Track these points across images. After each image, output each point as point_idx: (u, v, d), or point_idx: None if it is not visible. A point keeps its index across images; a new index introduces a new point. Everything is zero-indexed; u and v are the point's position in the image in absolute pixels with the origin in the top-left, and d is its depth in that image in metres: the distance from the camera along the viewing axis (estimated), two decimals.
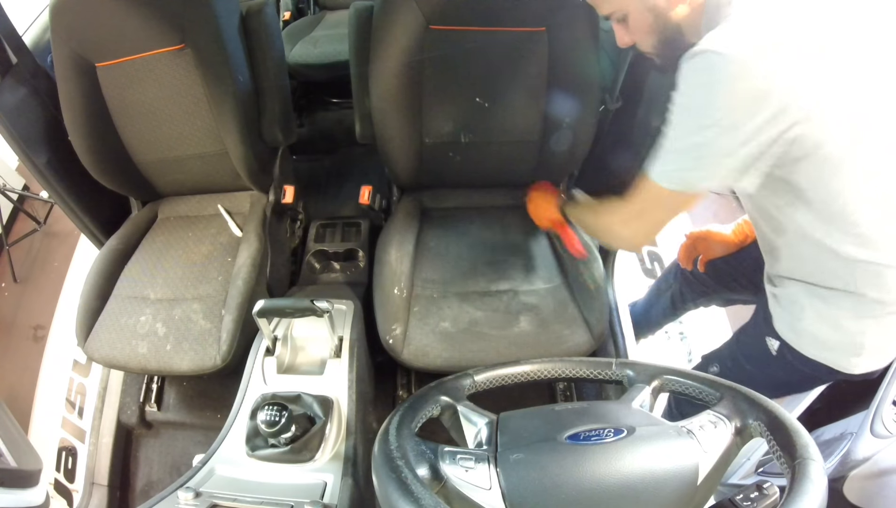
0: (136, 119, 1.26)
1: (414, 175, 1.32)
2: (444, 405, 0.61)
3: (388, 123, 1.20)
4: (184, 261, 1.31)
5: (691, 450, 0.49)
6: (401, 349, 1.09)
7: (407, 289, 1.16)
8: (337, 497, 0.74)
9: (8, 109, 1.15)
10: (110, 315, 1.22)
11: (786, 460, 0.47)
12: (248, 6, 1.22)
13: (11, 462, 1.18)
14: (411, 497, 0.44)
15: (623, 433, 0.50)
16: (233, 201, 1.44)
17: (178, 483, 0.75)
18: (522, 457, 0.50)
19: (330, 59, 1.73)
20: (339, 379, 0.90)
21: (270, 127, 1.31)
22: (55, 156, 1.25)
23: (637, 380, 0.63)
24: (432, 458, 0.51)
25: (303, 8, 2.09)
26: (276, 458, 0.79)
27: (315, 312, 0.87)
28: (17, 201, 2.33)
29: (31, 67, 1.22)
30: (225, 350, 1.12)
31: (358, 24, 1.16)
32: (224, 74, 1.16)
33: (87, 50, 1.17)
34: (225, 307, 1.18)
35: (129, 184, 1.38)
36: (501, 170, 1.34)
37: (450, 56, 1.14)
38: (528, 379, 0.68)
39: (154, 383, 1.47)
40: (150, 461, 1.46)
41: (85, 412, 1.50)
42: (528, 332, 1.11)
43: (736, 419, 0.53)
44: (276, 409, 0.78)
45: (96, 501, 1.39)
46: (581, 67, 1.15)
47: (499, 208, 1.39)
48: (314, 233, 1.52)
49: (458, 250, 1.27)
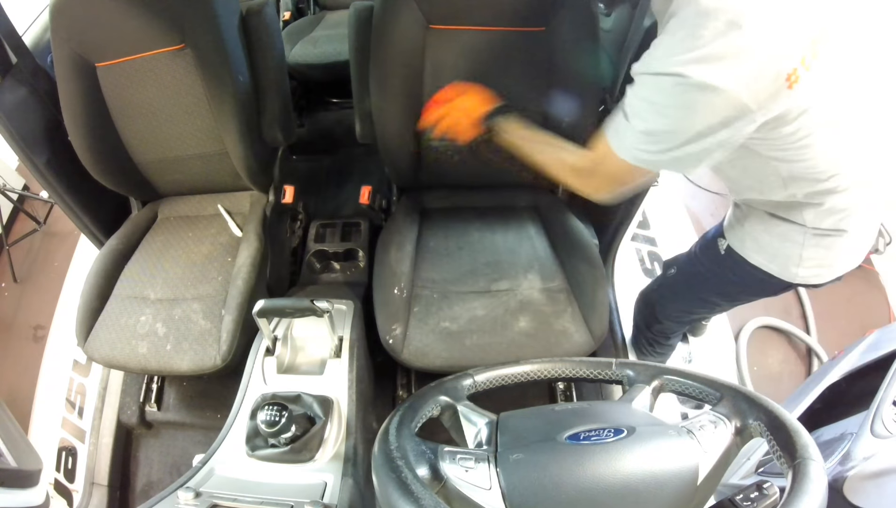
0: (136, 119, 1.26)
1: (414, 175, 1.32)
2: (444, 405, 0.61)
3: (388, 123, 1.20)
4: (184, 261, 1.31)
5: (691, 450, 0.49)
6: (401, 349, 1.09)
7: (407, 289, 1.16)
8: (337, 497, 0.74)
9: (8, 109, 1.15)
10: (110, 315, 1.22)
11: (786, 460, 0.46)
12: (248, 6, 1.22)
13: (11, 462, 1.18)
14: (411, 497, 0.44)
15: (623, 433, 0.50)
16: (233, 201, 1.44)
17: (178, 483, 0.75)
18: (522, 457, 0.50)
19: (330, 59, 1.73)
20: (339, 379, 0.90)
21: (270, 127, 1.31)
22: (55, 156, 1.25)
23: (637, 380, 0.63)
24: (432, 458, 0.50)
25: (303, 8, 2.09)
26: (276, 458, 0.79)
27: (315, 312, 0.87)
28: (17, 201, 2.33)
29: (31, 67, 1.22)
30: (225, 350, 1.12)
31: (358, 24, 1.16)
32: (224, 74, 1.16)
33: (87, 50, 1.17)
34: (225, 307, 1.18)
35: (129, 184, 1.38)
36: (501, 170, 1.34)
37: (450, 56, 1.14)
38: (528, 379, 0.68)
39: (154, 383, 1.47)
40: (150, 461, 1.46)
41: (85, 412, 1.50)
42: (528, 332, 1.11)
43: (736, 419, 0.53)
44: (276, 409, 0.78)
45: (96, 501, 1.40)
46: (581, 66, 1.15)
47: (499, 208, 1.38)
48: (314, 233, 1.52)
49: (458, 250, 1.27)
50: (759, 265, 0.94)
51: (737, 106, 0.63)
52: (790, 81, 0.63)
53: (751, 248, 0.94)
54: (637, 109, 0.71)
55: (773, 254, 0.92)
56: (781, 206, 0.86)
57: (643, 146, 0.71)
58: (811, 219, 0.84)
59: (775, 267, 0.92)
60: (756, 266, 0.94)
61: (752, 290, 1.06)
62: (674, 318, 1.30)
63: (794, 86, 0.63)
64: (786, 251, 0.89)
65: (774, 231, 0.89)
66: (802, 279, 0.91)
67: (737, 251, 0.96)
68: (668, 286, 1.24)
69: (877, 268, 2.11)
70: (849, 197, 0.80)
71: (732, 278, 1.02)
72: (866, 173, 0.80)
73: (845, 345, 1.44)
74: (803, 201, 0.82)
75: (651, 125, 0.69)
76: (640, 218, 1.87)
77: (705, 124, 0.65)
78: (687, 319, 1.35)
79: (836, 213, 0.82)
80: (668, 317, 1.30)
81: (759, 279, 0.95)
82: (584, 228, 1.31)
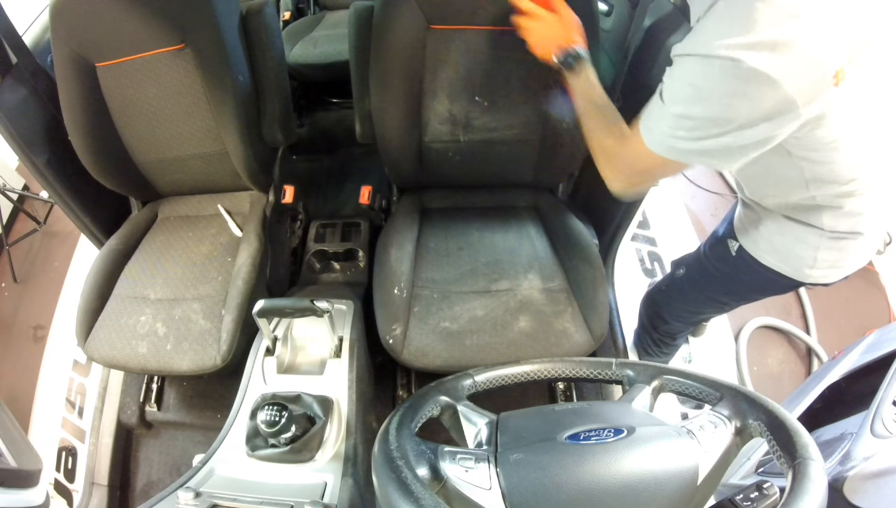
0: (136, 119, 1.26)
1: (414, 175, 1.32)
2: (444, 405, 0.61)
3: (388, 123, 1.20)
4: (184, 261, 1.31)
5: (691, 450, 0.49)
6: (401, 349, 1.09)
7: (407, 289, 1.16)
8: (337, 497, 0.74)
9: (8, 109, 1.15)
10: (110, 315, 1.22)
11: (786, 460, 0.46)
12: (248, 6, 1.22)
13: (11, 462, 1.18)
14: (411, 497, 0.44)
15: (623, 433, 0.50)
16: (233, 201, 1.44)
17: (178, 483, 0.75)
18: (522, 457, 0.50)
19: (330, 59, 1.73)
20: (339, 379, 0.90)
21: (270, 127, 1.31)
22: (55, 156, 1.25)
23: (637, 380, 0.63)
24: (432, 458, 0.50)
25: (303, 8, 2.09)
26: (276, 458, 0.79)
27: (315, 312, 0.87)
28: (17, 201, 2.33)
29: (31, 67, 1.22)
30: (225, 350, 1.12)
31: (358, 24, 1.16)
32: (224, 74, 1.16)
33: (87, 50, 1.17)
34: (225, 307, 1.18)
35: (129, 184, 1.38)
36: (501, 170, 1.34)
37: (450, 56, 1.14)
38: (528, 379, 0.68)
39: (154, 383, 1.47)
40: (150, 461, 1.46)
41: (85, 412, 1.50)
42: (528, 332, 1.11)
43: (736, 419, 0.53)
44: (276, 409, 0.78)
45: (96, 501, 1.40)
46: None
47: (499, 208, 1.38)
48: (314, 233, 1.52)
49: (458, 250, 1.27)
50: (772, 267, 0.94)
51: (783, 99, 0.61)
52: (837, 78, 0.62)
53: (765, 250, 0.94)
54: (676, 93, 0.68)
55: (786, 256, 0.91)
56: (799, 208, 0.85)
57: (677, 132, 0.68)
58: (829, 222, 0.83)
59: (789, 268, 0.92)
60: (769, 267, 0.94)
61: (762, 290, 1.06)
62: (682, 318, 1.30)
63: (839, 84, 0.62)
64: (800, 253, 0.89)
65: (789, 234, 0.89)
66: (814, 280, 0.92)
67: (749, 253, 0.96)
68: (677, 287, 1.24)
69: (877, 268, 2.11)
70: (865, 201, 0.80)
71: (743, 279, 1.01)
72: (883, 179, 0.80)
73: (845, 345, 1.44)
74: (822, 204, 0.81)
75: (690, 110, 0.66)
76: (640, 218, 1.87)
77: (748, 116, 0.63)
78: (695, 319, 1.35)
79: (853, 216, 0.82)
80: (676, 317, 1.30)
81: (771, 280, 0.96)
82: (584, 228, 1.31)
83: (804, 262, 0.90)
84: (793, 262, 0.91)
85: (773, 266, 0.93)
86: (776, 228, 0.91)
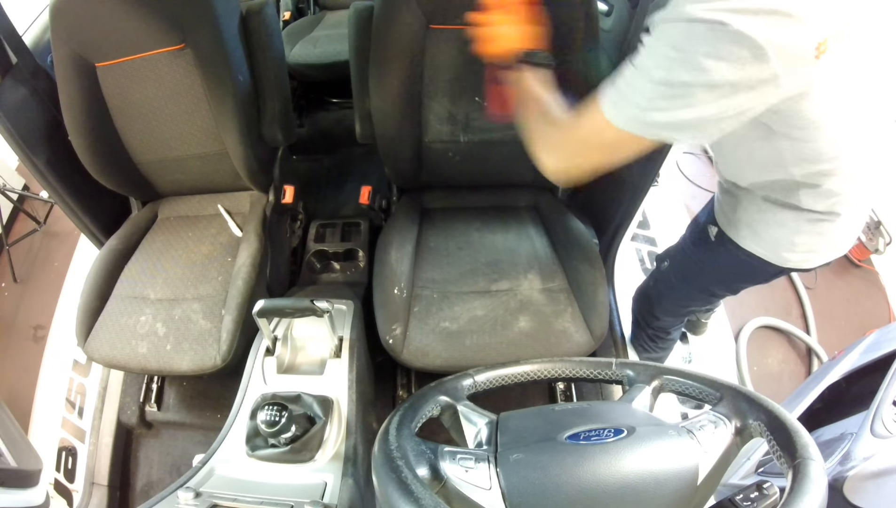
0: (136, 119, 1.26)
1: (414, 175, 1.32)
2: (444, 405, 0.61)
3: (388, 123, 1.20)
4: (184, 261, 1.31)
5: (691, 450, 0.49)
6: (401, 349, 1.09)
7: (407, 289, 1.16)
8: (337, 497, 0.74)
9: (8, 109, 1.15)
10: (110, 315, 1.22)
11: (786, 460, 0.46)
12: (248, 6, 1.22)
13: (11, 462, 1.18)
14: (411, 497, 0.44)
15: (623, 433, 0.50)
16: (233, 201, 1.44)
17: (178, 483, 0.75)
18: (522, 457, 0.50)
19: (330, 59, 1.73)
20: (339, 379, 0.90)
21: (270, 127, 1.31)
22: (55, 156, 1.25)
23: (637, 380, 0.63)
24: (432, 458, 0.50)
25: (303, 8, 2.09)
26: (276, 458, 0.79)
27: (315, 312, 0.87)
28: (17, 201, 2.33)
29: (31, 67, 1.22)
30: (225, 350, 1.12)
31: (358, 24, 1.16)
32: (224, 74, 1.16)
33: (87, 50, 1.17)
34: (225, 307, 1.18)
35: (129, 184, 1.38)
36: (501, 170, 1.34)
37: (450, 56, 1.14)
38: (528, 379, 0.67)
39: (154, 383, 1.47)
40: (150, 461, 1.46)
41: (85, 412, 1.50)
42: (528, 332, 1.11)
43: (736, 419, 0.53)
44: (276, 409, 0.78)
45: (96, 501, 1.40)
46: (581, 67, 1.15)
47: (499, 208, 1.38)
48: (314, 233, 1.52)
49: (458, 250, 1.27)
50: (751, 250, 0.95)
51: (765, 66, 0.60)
52: (819, 50, 0.61)
53: (744, 234, 0.95)
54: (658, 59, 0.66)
55: (765, 238, 0.93)
56: (777, 187, 0.86)
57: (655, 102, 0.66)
58: (806, 201, 0.84)
59: (767, 252, 0.93)
60: (749, 252, 0.95)
61: (745, 276, 1.06)
62: (673, 312, 1.30)
63: (821, 56, 0.61)
64: (778, 236, 0.90)
65: (768, 217, 0.90)
66: (793, 264, 0.93)
67: (729, 236, 0.97)
68: (664, 281, 1.24)
69: (877, 268, 2.11)
70: (844, 182, 0.81)
71: (723, 264, 1.03)
72: (863, 161, 0.81)
73: (845, 345, 1.44)
74: (800, 182, 0.82)
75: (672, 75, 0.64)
76: (640, 218, 1.87)
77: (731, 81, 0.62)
78: (685, 311, 1.36)
79: (832, 196, 0.83)
80: (666, 312, 1.30)
81: (751, 265, 0.97)
82: (584, 228, 1.31)
83: (782, 245, 0.91)
84: (771, 245, 0.92)
85: (752, 250, 0.94)
86: (754, 210, 0.92)
